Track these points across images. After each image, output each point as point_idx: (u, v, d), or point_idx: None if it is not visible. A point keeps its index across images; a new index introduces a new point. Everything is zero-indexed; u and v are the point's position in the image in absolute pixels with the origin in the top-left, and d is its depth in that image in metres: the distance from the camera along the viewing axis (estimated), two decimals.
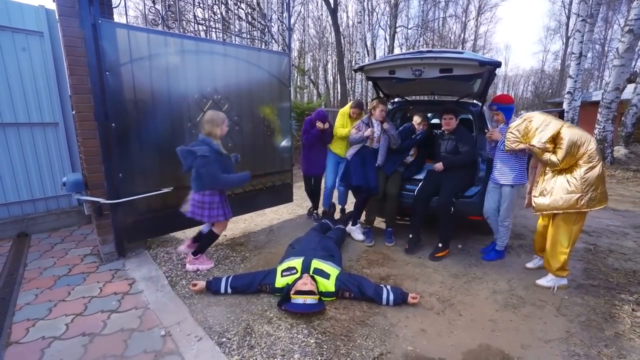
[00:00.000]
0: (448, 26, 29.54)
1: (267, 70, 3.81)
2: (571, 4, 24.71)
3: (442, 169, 3.41)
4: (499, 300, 2.52)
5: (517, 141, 2.73)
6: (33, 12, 3.39)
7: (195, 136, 3.24)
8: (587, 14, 10.69)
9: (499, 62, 2.97)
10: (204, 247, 2.98)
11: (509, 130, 2.79)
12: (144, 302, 2.38)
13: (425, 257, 3.26)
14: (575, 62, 10.93)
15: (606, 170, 8.32)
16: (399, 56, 3.40)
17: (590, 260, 3.22)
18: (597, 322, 2.25)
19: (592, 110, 12.59)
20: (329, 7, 18.93)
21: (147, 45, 2.86)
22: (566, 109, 11.09)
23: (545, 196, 2.62)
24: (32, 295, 2.43)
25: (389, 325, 2.20)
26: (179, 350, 1.90)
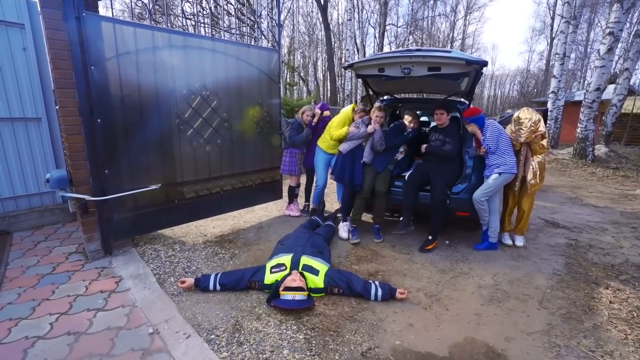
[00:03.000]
0: (437, 25, 29.84)
1: (256, 66, 3.79)
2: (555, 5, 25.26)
3: (425, 147, 3.62)
4: (484, 294, 2.59)
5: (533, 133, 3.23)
6: (13, 3, 3.27)
7: (183, 132, 3.22)
8: (570, 15, 10.97)
9: (486, 62, 3.04)
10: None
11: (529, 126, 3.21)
12: (131, 300, 2.35)
13: (413, 253, 3.31)
14: (559, 63, 11.21)
15: (587, 168, 8.60)
16: (388, 54, 3.43)
17: (572, 255, 3.33)
18: (577, 315, 2.33)
19: (574, 110, 12.94)
20: (319, 4, 18.88)
21: (134, 39, 2.80)
22: (550, 108, 11.38)
23: (536, 177, 3.31)
24: (15, 294, 2.37)
25: (377, 320, 2.23)
26: (167, 347, 1.88)
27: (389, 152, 3.67)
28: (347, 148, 3.60)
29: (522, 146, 3.35)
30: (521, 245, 3.51)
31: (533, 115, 3.27)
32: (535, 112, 3.33)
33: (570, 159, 9.66)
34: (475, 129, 3.35)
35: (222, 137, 3.55)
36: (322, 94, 28.42)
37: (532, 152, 3.35)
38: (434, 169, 3.46)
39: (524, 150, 3.35)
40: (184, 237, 3.57)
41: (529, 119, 3.24)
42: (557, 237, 3.82)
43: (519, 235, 3.56)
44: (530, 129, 3.21)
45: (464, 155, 3.54)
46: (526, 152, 3.35)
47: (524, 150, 3.36)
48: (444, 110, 3.56)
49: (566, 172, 8.45)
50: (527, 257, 3.28)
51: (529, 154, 3.36)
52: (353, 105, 4.00)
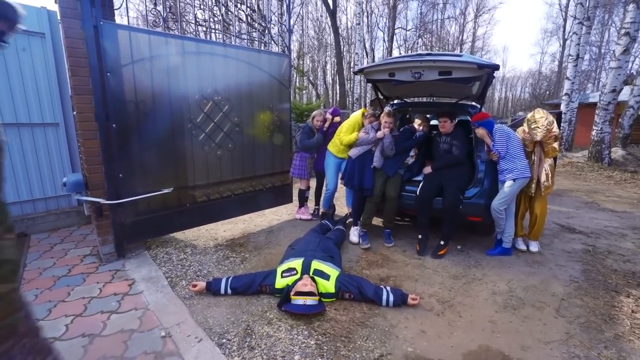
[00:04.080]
0: (446, 28, 29.70)
1: (267, 71, 3.83)
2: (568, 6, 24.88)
3: (429, 171, 3.53)
4: (498, 301, 2.53)
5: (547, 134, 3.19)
6: (35, 14, 3.39)
7: (196, 137, 3.27)
8: (583, 17, 10.78)
9: (497, 65, 3.00)
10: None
11: (545, 124, 3.16)
12: (144, 302, 2.38)
13: (424, 258, 3.27)
14: (572, 64, 11.01)
15: (604, 171, 8.38)
16: (398, 59, 3.42)
17: (589, 262, 3.23)
18: (597, 324, 2.26)
19: (589, 112, 12.67)
20: (328, 9, 19.02)
21: (148, 46, 2.86)
22: (564, 111, 11.16)
23: (549, 179, 3.24)
24: (32, 295, 2.43)
25: (389, 326, 2.20)
26: (179, 351, 1.90)
27: (399, 156, 3.65)
28: (356, 153, 3.59)
29: (535, 147, 3.30)
30: (536, 251, 3.43)
31: (548, 115, 3.24)
32: (549, 113, 3.29)
33: (586, 162, 9.43)
34: (484, 133, 3.30)
35: (233, 141, 3.58)
36: (331, 98, 28.51)
37: (545, 154, 3.28)
38: (446, 174, 3.41)
39: (538, 152, 3.29)
40: (195, 240, 3.60)
41: (544, 117, 3.20)
42: (574, 243, 3.72)
43: (534, 241, 3.48)
44: (546, 128, 3.15)
45: (476, 159, 3.49)
46: (539, 154, 3.29)
47: (537, 151, 3.29)
48: (448, 117, 3.52)
49: (581, 175, 8.25)
50: (543, 263, 3.20)
51: (542, 155, 3.29)
52: (363, 110, 3.99)
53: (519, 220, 3.51)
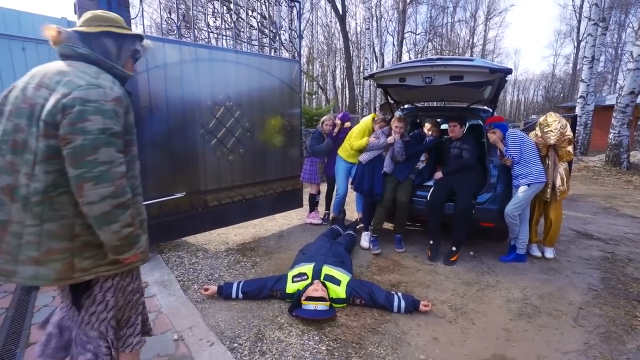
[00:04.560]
0: (456, 31, 29.50)
1: (278, 77, 3.87)
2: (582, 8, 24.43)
3: (441, 177, 3.48)
4: (513, 309, 2.48)
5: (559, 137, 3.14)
6: (56, 24, 3.50)
7: (208, 142, 3.32)
8: (599, 18, 10.57)
9: (510, 69, 2.97)
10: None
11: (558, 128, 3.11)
12: (156, 305, 2.41)
13: (436, 264, 3.23)
14: (587, 66, 10.78)
15: (622, 175, 8.14)
16: (409, 64, 3.42)
17: (608, 269, 3.14)
18: (618, 334, 2.18)
19: (606, 115, 12.35)
20: (338, 14, 19.13)
21: (163, 54, 2.94)
22: (579, 114, 10.91)
23: (564, 183, 3.19)
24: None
25: (400, 333, 2.18)
26: (192, 354, 1.91)
27: (409, 161, 3.62)
28: (366, 158, 3.59)
29: (549, 151, 3.24)
30: (551, 257, 3.34)
31: (561, 119, 3.18)
32: (562, 117, 3.22)
33: (603, 167, 9.18)
34: (497, 139, 3.25)
35: (244, 146, 3.63)
36: (340, 102, 28.58)
37: (559, 158, 3.23)
38: (457, 179, 3.37)
39: (552, 156, 3.23)
40: (207, 244, 3.64)
41: (557, 120, 3.14)
42: (591, 250, 3.62)
43: (549, 247, 3.40)
44: (559, 131, 3.09)
45: (488, 164, 3.44)
46: (554, 158, 3.23)
47: (551, 155, 3.24)
48: (457, 122, 3.50)
49: (598, 180, 8.03)
50: (559, 270, 3.12)
51: (557, 159, 3.24)
52: (373, 115, 3.99)
53: (533, 226, 3.43)
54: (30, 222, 1.08)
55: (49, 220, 1.09)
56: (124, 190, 1.11)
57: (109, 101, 1.10)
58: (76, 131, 1.03)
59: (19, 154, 1.08)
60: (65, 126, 1.03)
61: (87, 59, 1.18)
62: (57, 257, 1.10)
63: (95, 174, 1.03)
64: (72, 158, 1.03)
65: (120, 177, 1.09)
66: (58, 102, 1.04)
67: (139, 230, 1.22)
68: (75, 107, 1.03)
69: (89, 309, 1.24)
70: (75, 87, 1.07)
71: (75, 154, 1.03)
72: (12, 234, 1.08)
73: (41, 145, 1.06)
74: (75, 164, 1.03)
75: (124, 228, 1.11)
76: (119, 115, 1.13)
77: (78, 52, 1.17)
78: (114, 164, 1.07)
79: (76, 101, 1.04)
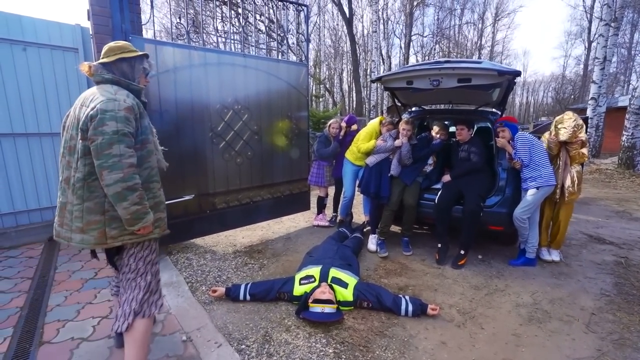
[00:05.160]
0: (464, 33, 29.32)
1: (285, 80, 3.90)
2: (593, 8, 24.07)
3: (449, 180, 3.45)
4: (522, 314, 2.44)
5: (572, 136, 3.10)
6: (70, 31, 3.61)
7: (216, 145, 3.36)
8: (611, 18, 10.40)
9: (519, 72, 2.94)
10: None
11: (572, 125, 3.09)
12: (165, 307, 2.44)
13: (444, 267, 3.20)
14: (599, 67, 10.60)
15: (636, 179, 7.97)
16: (416, 67, 3.41)
17: (622, 275, 3.07)
18: (632, 341, 2.13)
19: (618, 116, 12.11)
20: (345, 17, 19.22)
21: (173, 58, 2.99)
22: (590, 116, 10.73)
23: (574, 186, 3.13)
24: (62, 297, 2.54)
25: (408, 336, 2.16)
26: (200, 355, 1.93)
27: (417, 164, 3.61)
28: (373, 161, 3.58)
29: (560, 152, 3.20)
30: (557, 259, 3.31)
31: (577, 119, 3.14)
32: (579, 117, 3.19)
33: (615, 169, 9.00)
34: (505, 142, 3.23)
35: (252, 149, 3.66)
36: (347, 105, 28.60)
37: (571, 159, 3.19)
38: (465, 182, 3.34)
39: (563, 156, 3.19)
40: (215, 246, 3.67)
41: (573, 119, 3.12)
42: (604, 254, 3.54)
43: (555, 250, 3.37)
44: (572, 129, 3.06)
45: (497, 166, 3.41)
46: (565, 158, 3.18)
47: (562, 155, 3.19)
48: (464, 126, 3.48)
49: (610, 183, 7.87)
50: (570, 275, 3.07)
51: (568, 159, 3.19)
52: (381, 118, 3.98)
53: (543, 229, 3.39)
54: (76, 202, 1.48)
55: (87, 199, 1.48)
56: (132, 176, 1.44)
57: (122, 110, 1.45)
58: (97, 133, 1.39)
59: (72, 155, 1.50)
60: (91, 130, 1.41)
61: (110, 81, 1.57)
62: (94, 227, 1.49)
63: (110, 164, 1.38)
64: (95, 152, 1.40)
65: (129, 167, 1.42)
66: (87, 114, 1.43)
67: (147, 209, 1.52)
68: (97, 116, 1.41)
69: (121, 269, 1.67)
70: (98, 102, 1.45)
71: (97, 149, 1.39)
72: (68, 212, 1.51)
73: (80, 146, 1.45)
74: (97, 157, 1.39)
75: (132, 205, 1.45)
76: (130, 120, 1.47)
77: (104, 78, 1.57)
78: (124, 156, 1.41)
79: (98, 112, 1.42)
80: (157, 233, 1.68)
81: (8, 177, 3.49)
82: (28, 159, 3.58)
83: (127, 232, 1.53)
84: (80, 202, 1.47)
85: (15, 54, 3.35)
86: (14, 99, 3.41)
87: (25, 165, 3.57)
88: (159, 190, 1.72)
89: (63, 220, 1.54)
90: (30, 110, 3.52)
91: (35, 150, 3.60)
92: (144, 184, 1.55)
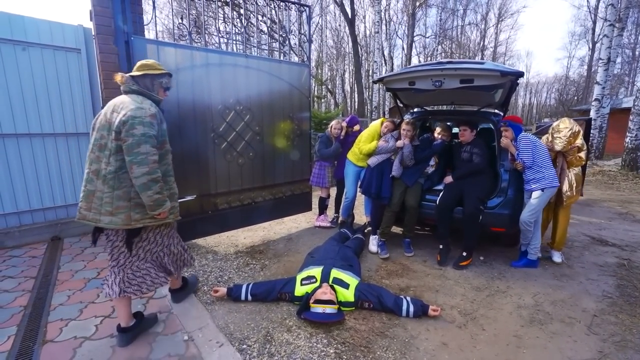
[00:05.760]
0: (466, 34, 29.24)
1: (287, 81, 3.91)
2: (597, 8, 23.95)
3: (451, 181, 3.45)
4: (524, 315, 2.44)
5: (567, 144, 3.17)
6: (72, 31, 3.64)
7: (218, 146, 3.37)
8: (615, 18, 10.36)
9: (522, 72, 2.93)
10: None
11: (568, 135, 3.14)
12: (167, 306, 2.45)
13: (445, 268, 3.20)
14: (603, 68, 10.56)
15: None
16: (418, 67, 3.41)
17: (624, 277, 3.06)
18: (634, 344, 2.12)
19: (622, 118, 12.06)
20: (347, 18, 19.21)
21: (175, 59, 3.01)
22: (594, 117, 10.68)
23: (572, 189, 3.20)
24: (65, 296, 2.56)
25: (409, 337, 2.16)
26: (201, 355, 1.94)
27: (418, 165, 3.60)
28: (375, 162, 3.58)
29: (557, 156, 3.24)
30: (559, 261, 3.32)
31: (574, 126, 3.17)
32: (576, 124, 3.22)
33: (619, 171, 8.95)
34: (508, 143, 3.23)
35: (254, 150, 3.67)
36: (349, 106, 28.60)
37: (569, 163, 3.26)
38: (466, 184, 3.34)
39: (560, 162, 3.25)
40: (216, 246, 3.68)
41: (568, 128, 3.16)
42: (606, 256, 3.53)
43: (557, 251, 3.38)
44: (568, 139, 3.13)
45: (499, 168, 3.40)
46: (562, 163, 3.24)
47: (559, 161, 3.25)
48: (467, 127, 3.48)
49: (614, 185, 7.83)
50: (572, 276, 3.06)
51: (565, 164, 3.26)
52: (382, 119, 3.98)
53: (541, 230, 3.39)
54: (107, 190, 1.81)
55: (117, 188, 1.82)
56: (155, 170, 1.82)
57: (147, 116, 1.83)
58: (128, 135, 1.76)
59: (102, 151, 1.83)
60: (123, 132, 1.76)
61: (137, 92, 1.94)
62: (122, 211, 1.83)
63: (139, 160, 1.75)
64: (126, 150, 1.76)
65: (153, 162, 1.80)
66: (120, 119, 1.78)
67: (166, 198, 1.91)
68: (128, 121, 1.77)
69: (139, 244, 2.03)
70: (129, 109, 1.80)
71: (128, 148, 1.76)
72: (97, 198, 1.83)
73: (113, 145, 1.80)
74: (128, 154, 1.76)
75: (155, 194, 1.83)
76: (153, 125, 1.85)
77: (131, 89, 1.94)
78: (149, 154, 1.78)
79: (129, 118, 1.77)
80: (172, 218, 2.06)
81: (12, 177, 3.52)
82: (31, 159, 3.60)
83: (147, 216, 1.89)
84: (111, 191, 1.80)
85: (18, 54, 3.38)
86: (17, 99, 3.44)
87: (28, 166, 3.59)
88: (174, 184, 2.11)
89: (91, 205, 1.84)
90: (33, 110, 3.54)
91: (38, 151, 3.63)
92: (163, 177, 1.91)
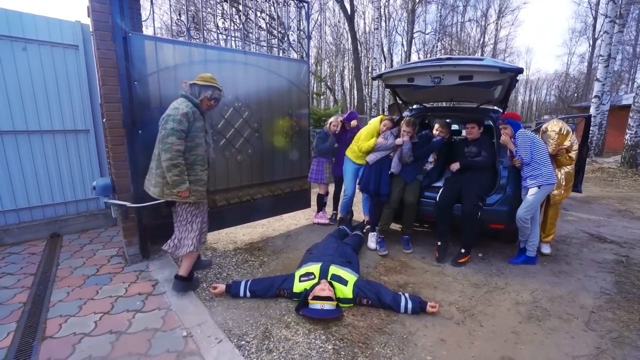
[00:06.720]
0: (466, 30, 29.11)
1: (286, 77, 3.89)
2: (598, 4, 23.84)
3: (457, 168, 3.50)
4: (522, 311, 2.45)
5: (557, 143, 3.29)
6: (70, 28, 3.61)
7: (216, 142, 3.36)
8: (616, 14, 10.32)
9: (521, 69, 2.93)
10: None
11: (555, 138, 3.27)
12: (166, 303, 2.46)
13: (444, 265, 3.20)
14: (603, 65, 10.53)
15: (639, 178, 7.93)
16: (418, 64, 3.39)
17: (622, 273, 3.06)
18: (631, 340, 2.13)
19: (622, 115, 12.05)
20: (346, 14, 19.12)
21: (173, 55, 2.99)
22: (593, 114, 10.67)
23: (560, 188, 3.38)
24: (64, 293, 2.56)
25: (407, 333, 2.17)
26: (200, 351, 1.94)
27: (417, 162, 3.59)
28: (374, 159, 3.57)
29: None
30: (547, 252, 3.45)
31: (562, 127, 3.30)
32: (565, 124, 3.34)
33: (618, 168, 8.96)
34: (507, 139, 3.23)
35: (252, 147, 3.66)
36: (349, 103, 28.52)
37: (559, 163, 3.41)
38: (466, 180, 3.34)
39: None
40: (215, 243, 3.69)
41: (555, 131, 3.29)
42: (604, 253, 3.54)
43: (545, 244, 3.50)
44: (556, 142, 3.27)
45: (498, 165, 3.40)
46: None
47: None
48: (475, 124, 3.48)
49: (613, 182, 7.83)
50: (570, 273, 3.07)
51: (554, 165, 3.36)
52: (382, 117, 3.97)
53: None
54: (155, 168, 2.39)
55: (158, 167, 2.36)
56: (177, 157, 2.27)
57: (178, 115, 2.27)
58: (162, 128, 2.28)
59: (158, 142, 2.35)
60: (160, 126, 2.32)
61: (183, 96, 2.42)
62: (159, 185, 2.38)
63: (166, 148, 2.24)
64: (159, 140, 2.31)
65: (176, 151, 2.26)
66: (163, 116, 2.33)
67: (184, 180, 2.33)
68: (165, 118, 2.30)
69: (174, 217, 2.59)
70: (169, 109, 2.34)
71: (160, 138, 2.29)
72: (150, 173, 2.45)
73: (159, 135, 2.32)
74: (160, 143, 2.30)
75: (174, 176, 2.29)
76: (182, 122, 2.28)
77: (181, 93, 2.44)
78: (174, 144, 2.25)
79: (166, 115, 2.31)
80: (193, 199, 2.44)
81: (10, 174, 3.51)
82: (30, 156, 3.59)
83: (173, 193, 2.36)
84: (156, 169, 2.37)
85: (15, 51, 3.36)
86: (15, 96, 3.42)
87: (27, 163, 3.58)
88: (201, 172, 2.47)
89: (148, 178, 2.47)
90: (31, 107, 3.53)
91: (36, 148, 3.62)
92: (190, 165, 2.38)
